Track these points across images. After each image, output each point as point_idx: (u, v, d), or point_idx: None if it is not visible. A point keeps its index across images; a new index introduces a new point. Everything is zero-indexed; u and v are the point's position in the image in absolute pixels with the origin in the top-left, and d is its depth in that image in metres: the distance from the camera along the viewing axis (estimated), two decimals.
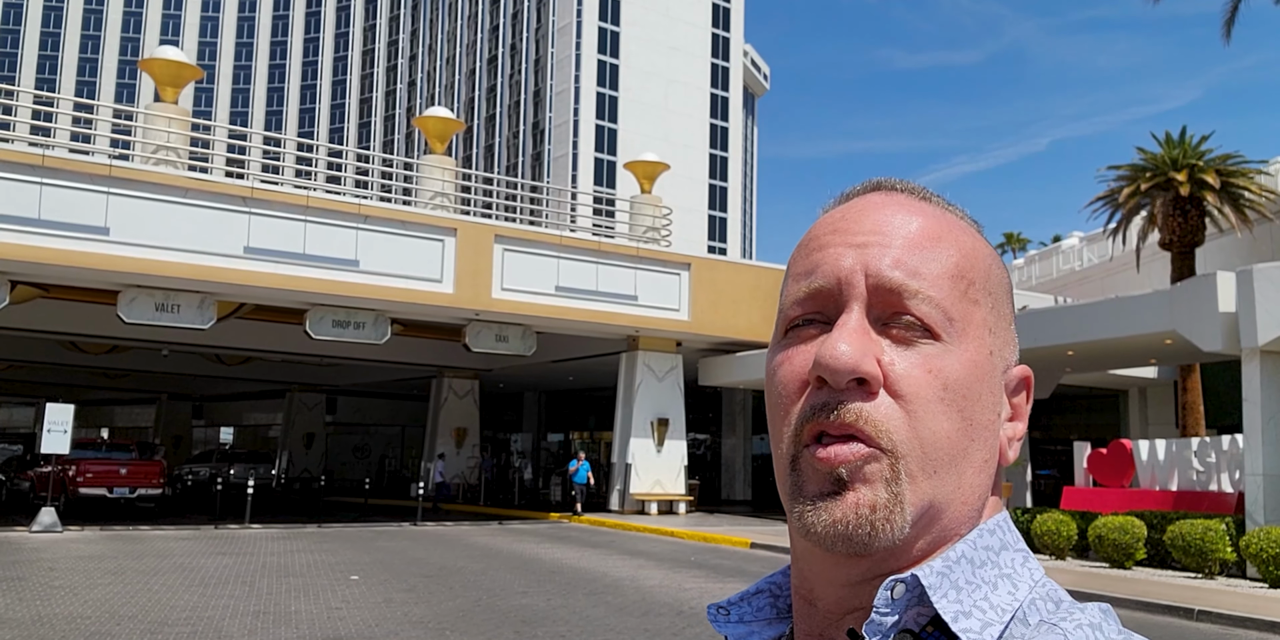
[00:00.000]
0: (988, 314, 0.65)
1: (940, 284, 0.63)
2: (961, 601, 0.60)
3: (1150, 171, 25.84)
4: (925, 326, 0.62)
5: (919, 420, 0.61)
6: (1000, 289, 0.67)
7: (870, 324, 0.63)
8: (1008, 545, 0.64)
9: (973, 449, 0.62)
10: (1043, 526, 14.83)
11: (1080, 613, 0.60)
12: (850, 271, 0.63)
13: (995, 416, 0.64)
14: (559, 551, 15.58)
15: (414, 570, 12.68)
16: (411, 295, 20.11)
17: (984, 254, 0.67)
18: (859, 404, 0.60)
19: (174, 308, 19.00)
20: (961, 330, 0.63)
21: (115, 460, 21.19)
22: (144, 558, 13.53)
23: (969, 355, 0.63)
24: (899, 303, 0.62)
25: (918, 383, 0.61)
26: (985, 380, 0.63)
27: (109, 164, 17.43)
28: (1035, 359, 18.98)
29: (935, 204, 0.68)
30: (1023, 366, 0.68)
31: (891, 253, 0.63)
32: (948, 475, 0.61)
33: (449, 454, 30.36)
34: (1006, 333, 0.67)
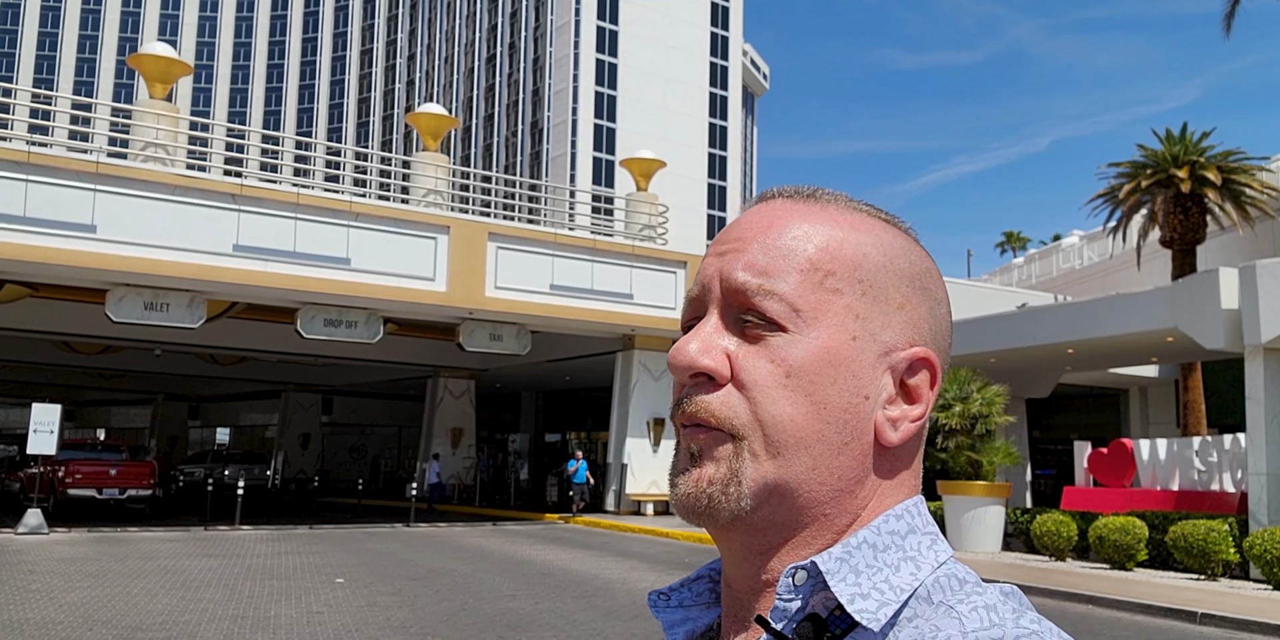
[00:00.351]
0: (854, 301, 0.67)
1: (788, 278, 0.66)
2: (860, 584, 0.62)
3: (1151, 168, 25.60)
4: (770, 320, 0.66)
5: (759, 405, 0.65)
6: (884, 275, 0.69)
7: (730, 323, 0.67)
8: (915, 529, 0.66)
9: (827, 431, 0.65)
10: (1042, 527, 14.60)
11: (979, 595, 0.62)
12: (710, 279, 0.69)
13: (860, 399, 0.66)
14: (551, 553, 15.35)
15: (401, 572, 12.45)
16: (404, 294, 19.88)
17: (855, 243, 0.69)
18: (702, 396, 0.66)
19: (163, 307, 18.77)
20: (812, 319, 0.66)
21: (105, 461, 20.96)
22: (128, 560, 13.29)
23: (820, 342, 0.65)
24: (746, 301, 0.66)
25: (758, 372, 0.65)
26: (841, 365, 0.66)
27: (95, 161, 17.21)
28: (1034, 357, 18.76)
29: (820, 202, 0.71)
30: (919, 347, 0.68)
31: (745, 257, 0.68)
32: (796, 456, 0.64)
33: (445, 454, 30.14)
34: (890, 316, 0.68)
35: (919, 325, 0.69)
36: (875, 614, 0.61)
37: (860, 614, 0.61)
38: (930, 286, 0.72)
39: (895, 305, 0.68)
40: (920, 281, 0.71)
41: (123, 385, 43.60)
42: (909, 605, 0.63)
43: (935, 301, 0.72)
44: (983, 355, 18.28)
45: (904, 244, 0.72)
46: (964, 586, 0.63)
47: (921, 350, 0.69)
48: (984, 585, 0.64)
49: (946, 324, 0.72)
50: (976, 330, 18.27)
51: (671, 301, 23.27)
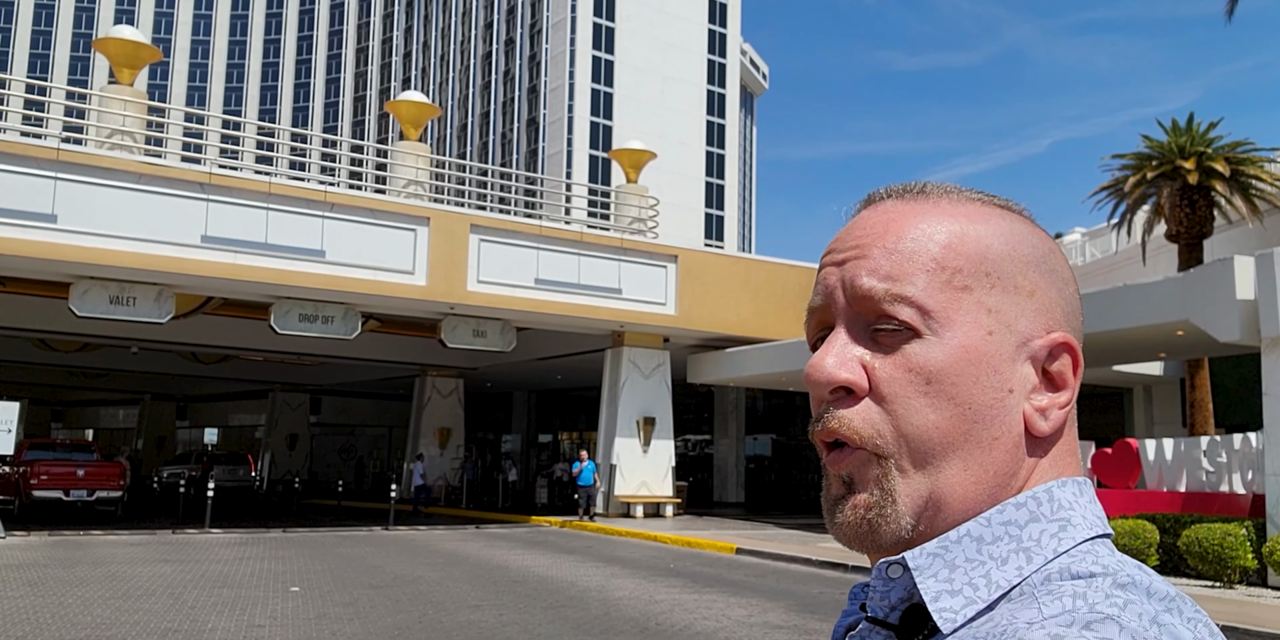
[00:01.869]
0: (984, 296, 0.65)
1: (915, 280, 0.65)
2: (953, 580, 0.60)
3: (1157, 160, 24.83)
4: (903, 324, 0.64)
5: (901, 419, 0.63)
6: (1010, 264, 0.67)
7: (859, 333, 0.66)
8: (1040, 516, 0.62)
9: (975, 430, 0.63)
10: None
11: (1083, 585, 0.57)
12: (834, 289, 0.68)
13: (1005, 393, 0.64)
14: (529, 558, 14.58)
15: (364, 580, 11.69)
16: (382, 287, 19.12)
17: (977, 236, 0.67)
18: (842, 411, 0.65)
19: (129, 300, 18.01)
20: (946, 320, 0.64)
21: (73, 461, 20.19)
22: (76, 566, 12.53)
23: (957, 342, 0.64)
24: (875, 307, 0.65)
25: (897, 383, 0.64)
26: (981, 362, 0.64)
27: (55, 147, 16.45)
28: None
29: (931, 198, 0.69)
30: (1057, 333, 0.66)
31: (867, 263, 0.67)
32: (946, 463, 0.63)
33: (433, 455, 29.36)
34: (1020, 306, 0.66)
35: (1052, 309, 0.67)
36: (956, 613, 0.59)
37: (939, 613, 0.59)
38: (1056, 267, 0.69)
39: (1025, 293, 0.66)
40: (1046, 263, 0.68)
41: (108, 385, 42.88)
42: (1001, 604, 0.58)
43: (1063, 281, 0.69)
44: None
45: (1024, 228, 0.69)
46: (1074, 580, 0.57)
47: (1060, 335, 0.66)
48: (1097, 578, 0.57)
49: (1077, 303, 0.70)
50: None
51: (662, 296, 22.51)
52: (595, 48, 67.99)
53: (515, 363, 27.95)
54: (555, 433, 38.31)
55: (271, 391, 38.90)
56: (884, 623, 0.63)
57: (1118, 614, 0.54)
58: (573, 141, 66.54)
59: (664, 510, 23.18)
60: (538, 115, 69.52)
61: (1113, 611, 0.54)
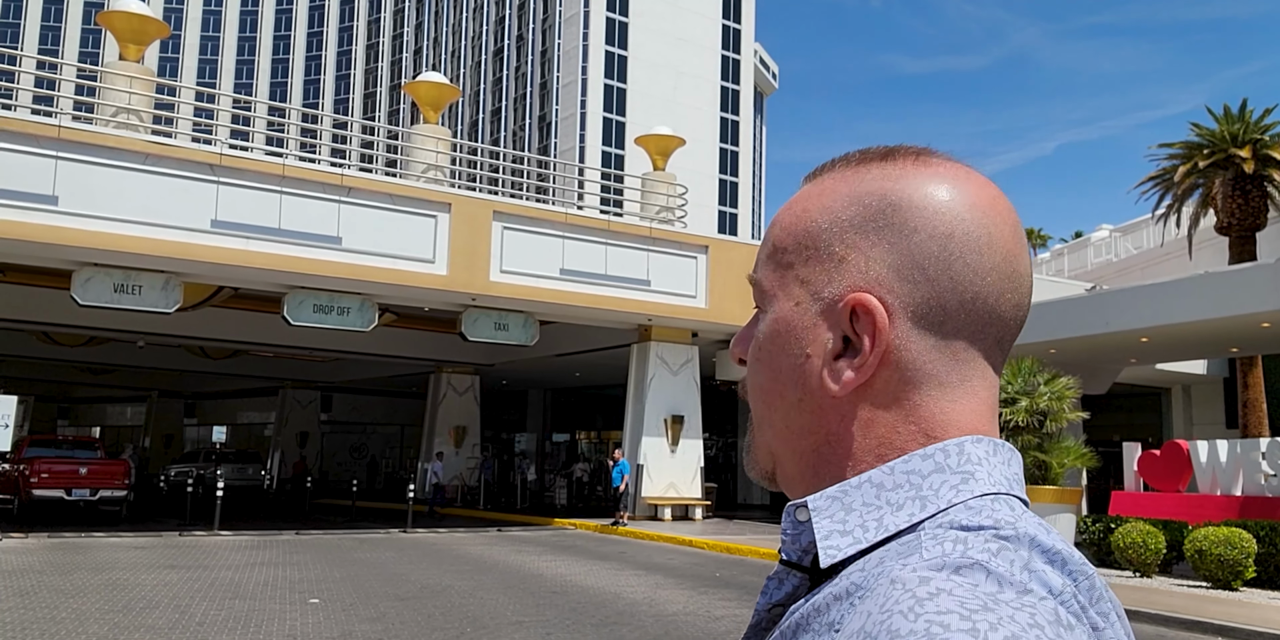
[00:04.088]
0: (801, 269, 0.68)
1: (762, 265, 0.71)
2: (847, 521, 0.62)
3: (1208, 148, 23.70)
4: (756, 304, 0.72)
5: (749, 381, 0.72)
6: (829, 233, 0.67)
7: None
8: (944, 468, 0.63)
9: (785, 391, 0.68)
10: (1126, 538, 12.74)
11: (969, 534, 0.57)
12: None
13: (803, 358, 0.67)
14: (563, 565, 13.53)
15: (389, 590, 10.65)
16: (400, 276, 18.10)
17: (810, 212, 0.69)
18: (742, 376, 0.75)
19: (134, 289, 17.01)
20: (774, 296, 0.69)
21: (75, 459, 19.19)
22: (75, 572, 11.52)
23: (773, 315, 0.69)
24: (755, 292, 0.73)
25: (749, 353, 0.71)
26: (787, 331, 0.68)
27: (57, 125, 15.46)
28: (1101, 347, 16.91)
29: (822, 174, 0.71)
30: (855, 293, 0.65)
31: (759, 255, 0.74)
32: (772, 419, 0.69)
33: (448, 454, 28.33)
34: (830, 273, 0.67)
35: (867, 268, 0.65)
36: (838, 551, 0.60)
37: (825, 550, 0.60)
38: (895, 220, 0.65)
39: (837, 259, 0.67)
40: (877, 220, 0.66)
41: (115, 381, 41.99)
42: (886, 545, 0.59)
43: (905, 231, 0.65)
44: (1042, 345, 16.44)
45: (869, 187, 0.67)
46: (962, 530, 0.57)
47: (856, 296, 0.65)
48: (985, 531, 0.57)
49: (929, 250, 0.64)
50: (1035, 317, 16.41)
51: (692, 288, 21.45)
52: (608, 43, 67.01)
53: (533, 359, 26.92)
54: (572, 432, 37.25)
55: (281, 389, 37.95)
56: (797, 565, 0.64)
57: (988, 560, 0.54)
58: (585, 137, 65.54)
59: (693, 513, 22.12)
60: (549, 111, 68.56)
61: (983, 557, 0.54)
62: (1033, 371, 14.09)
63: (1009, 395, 13.90)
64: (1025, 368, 14.13)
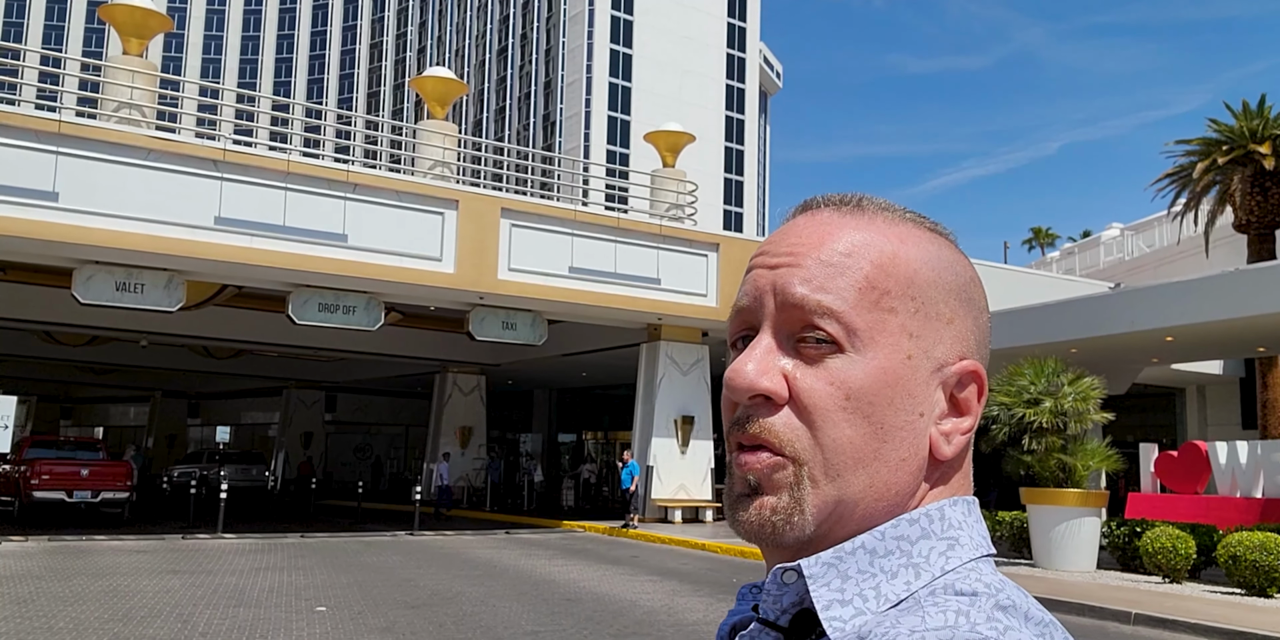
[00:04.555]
0: (908, 320, 0.66)
1: (846, 296, 0.65)
2: (844, 591, 0.62)
3: (1227, 144, 23.31)
4: (831, 339, 0.65)
5: (819, 430, 0.64)
6: (931, 290, 0.68)
7: (783, 341, 0.67)
8: (930, 534, 0.64)
9: (885, 450, 0.65)
10: (1155, 543, 12.37)
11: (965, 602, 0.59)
12: (763, 293, 0.68)
13: (916, 416, 0.66)
14: (575, 570, 13.20)
15: (398, 597, 10.31)
16: (407, 275, 17.77)
17: (908, 259, 0.68)
18: (764, 417, 0.65)
19: (137, 287, 16.69)
20: (870, 339, 0.65)
21: (77, 460, 18.88)
22: (74, 578, 11.20)
23: (878, 363, 0.65)
24: (804, 318, 0.65)
25: (818, 395, 0.64)
26: (898, 385, 0.65)
27: (58, 120, 15.15)
28: (1123, 347, 16.54)
29: (867, 213, 0.69)
30: (968, 361, 0.69)
31: (801, 272, 0.67)
32: (854, 476, 0.64)
33: (454, 455, 28.00)
34: (939, 333, 0.68)
35: (966, 338, 0.69)
36: (845, 624, 0.60)
37: (829, 622, 0.60)
38: (974, 296, 0.71)
39: (945, 320, 0.68)
40: (965, 292, 0.70)
41: (117, 381, 41.73)
42: (888, 615, 0.60)
43: (979, 310, 0.71)
44: (1063, 344, 16.07)
45: (950, 255, 0.71)
46: (958, 596, 0.60)
47: (970, 363, 0.68)
48: (980, 596, 0.59)
49: (988, 331, 0.72)
50: (1057, 316, 16.08)
51: (703, 287, 21.11)
52: (613, 41, 66.67)
53: (540, 359, 26.60)
54: (579, 433, 36.92)
55: (285, 389, 37.67)
56: (774, 625, 0.64)
57: (996, 638, 0.55)
58: (590, 136, 65.24)
59: (703, 515, 21.78)
60: (554, 110, 68.24)
61: (992, 634, 0.55)
62: (1056, 371, 13.73)
63: (1032, 396, 13.53)
64: (1049, 368, 13.77)
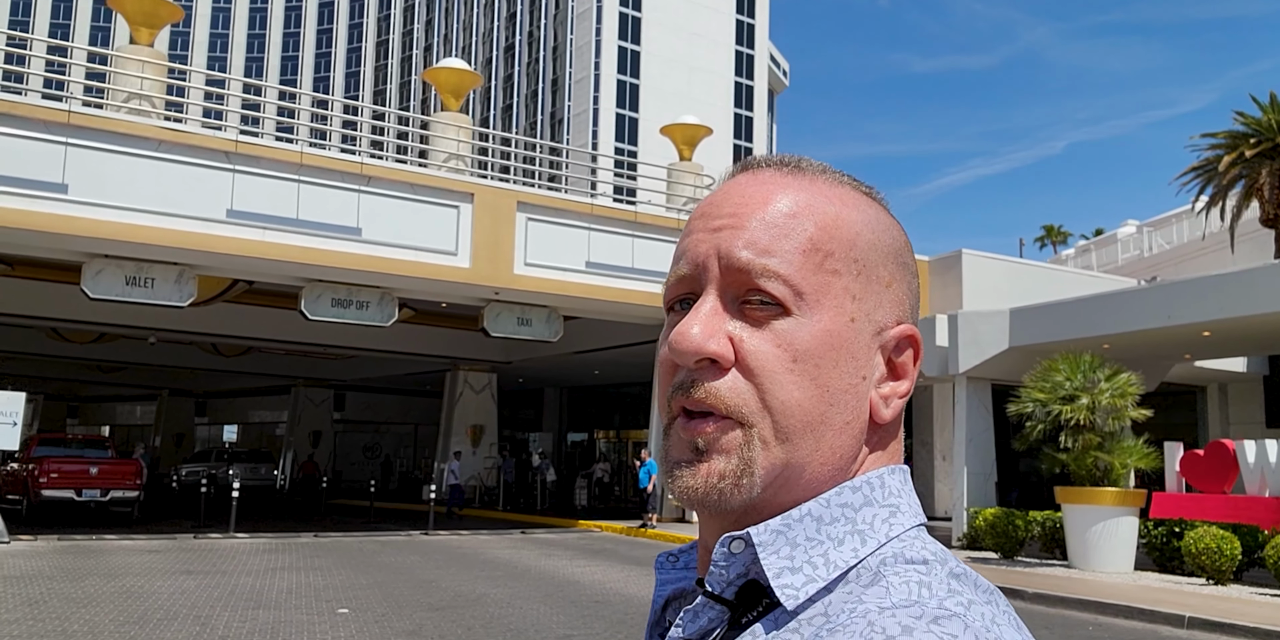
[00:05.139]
0: (850, 282, 0.66)
1: (791, 259, 0.64)
2: (794, 558, 0.61)
3: (1254, 137, 22.89)
4: (776, 302, 0.64)
5: (767, 392, 0.63)
6: (872, 253, 0.67)
7: (728, 304, 0.65)
8: (872, 501, 0.65)
9: (831, 413, 0.64)
10: (1199, 543, 11.98)
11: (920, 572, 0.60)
12: (706, 257, 0.66)
13: (859, 379, 0.66)
14: (599, 571, 12.84)
15: (421, 599, 9.96)
16: (422, 269, 17.42)
17: (850, 222, 0.67)
18: (710, 381, 0.64)
19: (147, 282, 16.36)
20: (815, 302, 0.64)
21: (85, 458, 18.57)
22: (86, 578, 10.86)
23: (823, 326, 0.64)
24: (749, 281, 0.64)
25: (765, 357, 0.63)
26: (842, 347, 0.65)
27: (67, 110, 14.82)
28: (1157, 342, 16.14)
29: (807, 175, 0.69)
30: (905, 325, 0.68)
31: (744, 234, 0.65)
32: (802, 439, 0.63)
33: (464, 454, 27.66)
34: (880, 296, 0.67)
35: (903, 301, 0.69)
36: (798, 591, 0.60)
37: (782, 590, 0.60)
38: (908, 261, 0.71)
39: (884, 284, 0.67)
40: (901, 257, 0.70)
41: (125, 379, 41.46)
42: (839, 584, 0.61)
43: (912, 275, 0.71)
44: (1095, 340, 15.65)
45: (886, 219, 0.70)
46: (910, 565, 0.61)
47: (908, 328, 0.68)
48: (932, 564, 0.61)
49: (917, 294, 0.72)
50: (1089, 310, 15.67)
51: None
52: (621, 38, 66.31)
53: (552, 356, 26.26)
54: (590, 432, 36.57)
55: (294, 387, 37.36)
56: (719, 598, 0.63)
57: (963, 613, 0.56)
58: (598, 134, 64.85)
59: None
60: (561, 108, 67.90)
61: (959, 610, 0.57)
62: (1093, 366, 13.33)
63: (1068, 392, 13.14)
64: (1085, 363, 13.37)
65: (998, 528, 14.38)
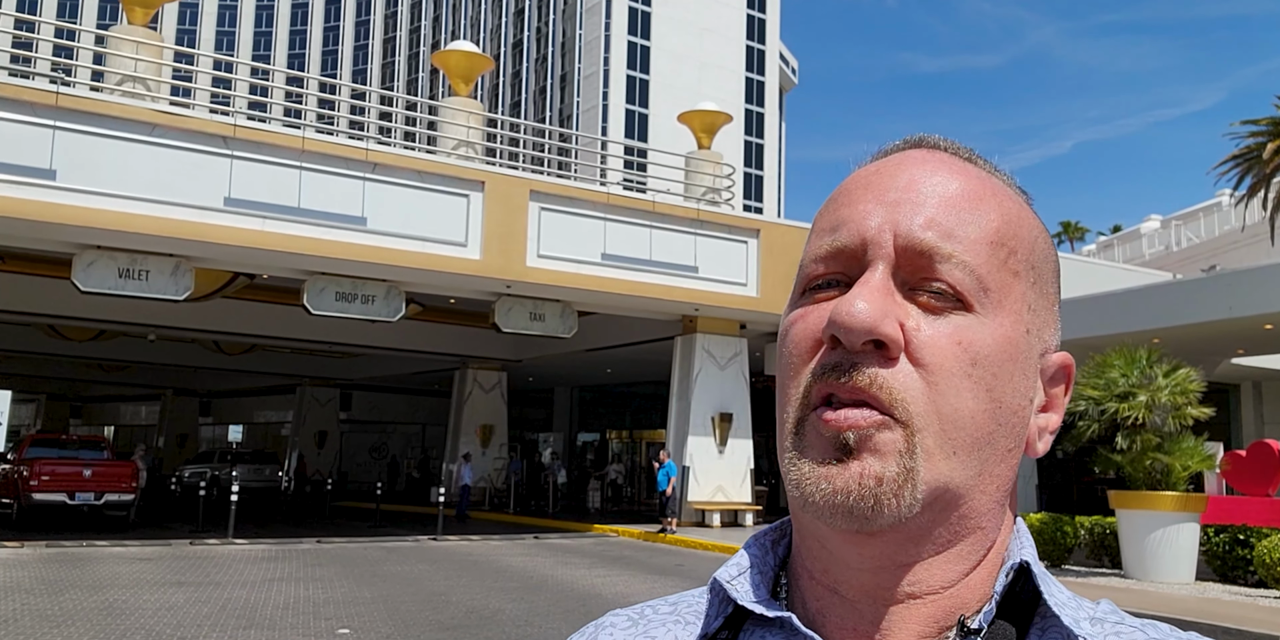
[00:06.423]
0: (1028, 289, 0.58)
1: (978, 249, 0.56)
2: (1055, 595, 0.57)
3: None
4: (957, 294, 0.55)
5: (940, 394, 0.54)
6: (1045, 264, 0.60)
7: (897, 288, 0.56)
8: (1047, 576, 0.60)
9: (999, 434, 0.56)
10: (1275, 553, 11.03)
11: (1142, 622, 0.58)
12: (877, 230, 0.57)
13: (1027, 401, 0.58)
14: (620, 582, 11.95)
15: (430, 616, 9.08)
16: (430, 261, 16.56)
17: (1030, 224, 0.60)
18: (875, 368, 0.54)
19: (141, 274, 15.54)
20: (998, 302, 0.56)
21: (79, 460, 17.74)
22: (68, 591, 10.02)
23: (1004, 331, 0.56)
24: (929, 267, 0.56)
25: (944, 353, 0.54)
26: (1018, 360, 0.57)
27: (55, 91, 13.99)
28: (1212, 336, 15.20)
29: (980, 166, 0.62)
30: (1063, 353, 0.61)
31: (925, 212, 0.57)
32: (969, 458, 0.55)
33: (474, 455, 26.81)
34: (1048, 313, 0.60)
35: (1058, 327, 0.62)
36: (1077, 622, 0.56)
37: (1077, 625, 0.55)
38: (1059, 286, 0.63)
39: (1051, 301, 0.61)
40: (1059, 279, 0.62)
41: (127, 378, 40.73)
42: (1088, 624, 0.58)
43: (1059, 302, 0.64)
44: (1143, 334, 14.74)
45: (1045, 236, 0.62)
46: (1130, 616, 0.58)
47: (1067, 356, 0.61)
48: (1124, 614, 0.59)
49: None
50: (1139, 303, 14.76)
51: (742, 276, 19.83)
52: (630, 33, 65.49)
53: (565, 354, 25.39)
54: (602, 432, 35.67)
55: (299, 386, 36.56)
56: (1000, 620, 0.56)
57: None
58: (607, 130, 64.03)
59: (742, 518, 20.51)
60: (570, 104, 67.12)
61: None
62: (1150, 360, 12.40)
63: (1124, 389, 12.20)
64: (1141, 357, 12.44)
65: (1045, 534, 13.45)
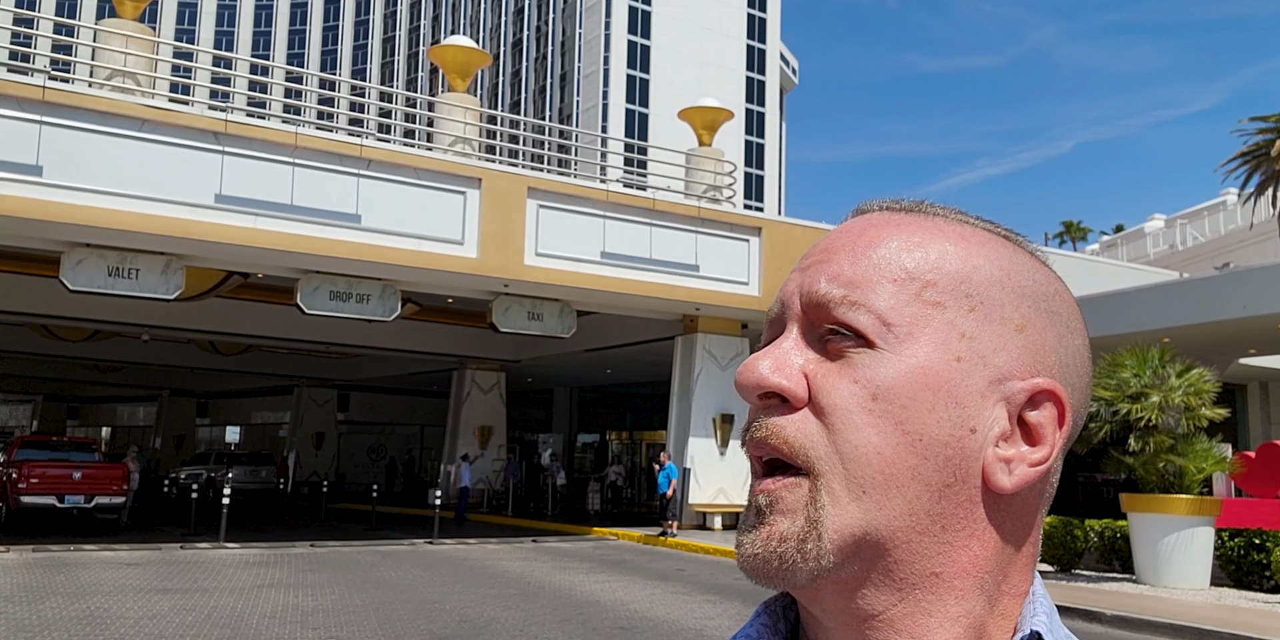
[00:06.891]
0: (958, 317, 0.56)
1: (880, 288, 0.56)
2: None
3: None
4: (856, 333, 0.55)
5: (838, 433, 0.54)
6: (998, 291, 0.57)
7: (811, 341, 0.57)
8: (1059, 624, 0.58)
9: (923, 468, 0.53)
10: None
11: None
12: (790, 295, 0.60)
13: (965, 431, 0.54)
14: (620, 588, 11.63)
15: (422, 625, 8.77)
16: (426, 259, 16.26)
17: (962, 254, 0.58)
18: (774, 419, 0.56)
19: (131, 273, 15.23)
20: (908, 334, 0.55)
21: (69, 462, 17.45)
22: (48, 599, 9.71)
23: (915, 361, 0.55)
24: (827, 314, 0.57)
25: (838, 394, 0.55)
26: (940, 389, 0.54)
27: (41, 85, 13.69)
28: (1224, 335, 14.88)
29: (925, 214, 0.60)
30: (1041, 379, 0.56)
31: (830, 268, 0.58)
32: (884, 496, 0.53)
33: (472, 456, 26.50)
34: (1006, 338, 0.56)
35: (1044, 352, 0.57)
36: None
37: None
38: (1060, 311, 0.60)
39: (1013, 326, 0.57)
40: (1047, 303, 0.59)
41: (124, 379, 40.44)
42: None
43: (1067, 329, 0.59)
44: (1153, 333, 14.42)
45: (1026, 261, 0.60)
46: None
47: (1046, 381, 0.56)
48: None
49: (1082, 359, 0.60)
50: (1149, 301, 14.45)
51: (744, 274, 19.52)
52: (630, 32, 65.24)
53: (564, 354, 25.08)
54: (601, 433, 35.37)
55: (296, 387, 36.26)
56: None
57: None
58: (607, 129, 63.73)
59: None
60: (570, 103, 66.85)
61: None
62: (1162, 360, 12.10)
63: (1136, 390, 11.90)
64: (1153, 357, 12.13)
65: (1055, 538, 13.15)
